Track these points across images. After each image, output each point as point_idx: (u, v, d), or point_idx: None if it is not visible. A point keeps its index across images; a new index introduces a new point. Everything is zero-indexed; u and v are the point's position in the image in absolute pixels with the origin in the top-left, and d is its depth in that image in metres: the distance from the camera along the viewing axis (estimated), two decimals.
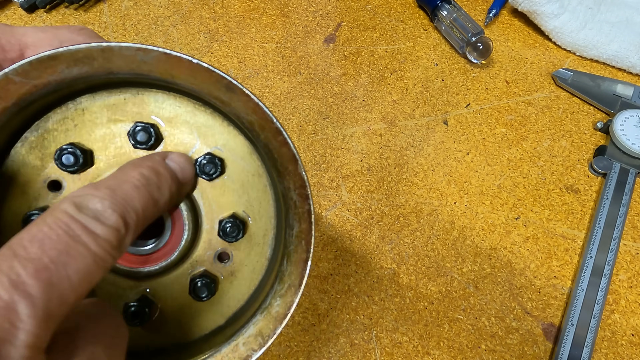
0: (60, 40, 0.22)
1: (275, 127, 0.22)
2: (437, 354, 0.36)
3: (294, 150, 0.22)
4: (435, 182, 0.44)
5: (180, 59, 0.20)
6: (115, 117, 0.23)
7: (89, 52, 0.20)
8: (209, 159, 0.23)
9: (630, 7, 0.54)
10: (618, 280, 0.39)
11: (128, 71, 0.21)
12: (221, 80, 0.21)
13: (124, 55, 0.20)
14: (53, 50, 0.19)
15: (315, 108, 0.48)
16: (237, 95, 0.21)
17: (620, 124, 0.46)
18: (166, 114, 0.23)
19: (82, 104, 0.22)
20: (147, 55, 0.20)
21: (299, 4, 0.57)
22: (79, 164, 0.22)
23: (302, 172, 0.22)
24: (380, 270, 0.39)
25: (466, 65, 0.52)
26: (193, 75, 0.21)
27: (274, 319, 0.24)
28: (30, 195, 0.23)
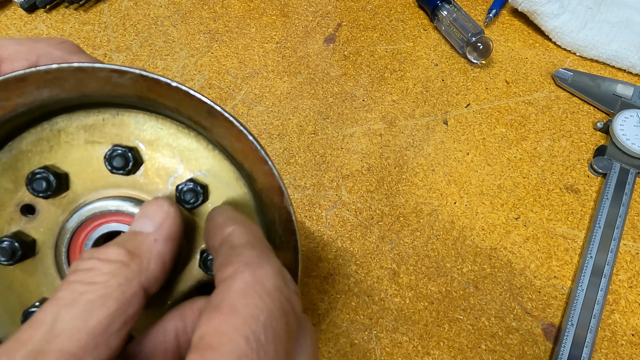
0: (37, 54, 0.21)
1: (260, 155, 0.20)
2: (437, 354, 0.36)
3: (279, 181, 0.21)
4: (435, 182, 0.44)
5: (157, 82, 0.19)
6: (92, 139, 0.21)
7: (60, 73, 0.18)
8: (189, 187, 0.21)
9: (630, 7, 0.54)
10: (618, 280, 0.39)
11: (103, 93, 0.20)
12: (202, 105, 0.19)
13: (97, 77, 0.19)
14: (20, 72, 0.18)
15: (315, 108, 0.48)
16: (219, 121, 0.20)
17: (620, 124, 0.46)
18: (147, 136, 0.22)
19: (58, 125, 0.21)
20: (123, 77, 0.19)
21: (299, 4, 0.57)
22: (52, 189, 0.21)
23: (288, 205, 0.21)
24: (380, 270, 0.39)
25: (466, 65, 0.52)
26: (172, 99, 0.19)
27: None
28: (2, 219, 0.22)
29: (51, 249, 0.22)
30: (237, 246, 0.18)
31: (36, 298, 0.22)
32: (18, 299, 0.23)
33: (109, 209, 0.21)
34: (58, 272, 0.22)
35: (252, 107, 0.48)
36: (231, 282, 0.16)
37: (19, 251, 0.21)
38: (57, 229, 0.22)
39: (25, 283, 0.22)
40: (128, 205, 0.21)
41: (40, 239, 0.22)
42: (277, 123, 0.47)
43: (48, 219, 0.22)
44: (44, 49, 0.21)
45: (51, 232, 0.22)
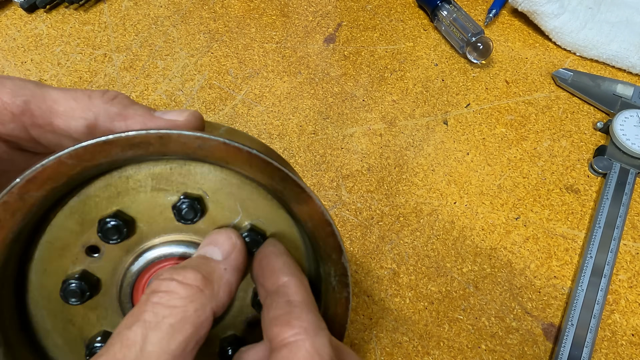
0: (94, 113, 0.21)
1: (326, 219, 0.22)
2: (437, 354, 0.36)
3: (340, 241, 0.22)
4: (435, 182, 0.44)
5: (239, 150, 0.20)
6: (159, 186, 0.22)
7: (146, 138, 0.19)
8: (251, 236, 0.23)
9: (630, 7, 0.54)
10: (618, 280, 0.39)
11: (183, 155, 0.20)
12: (277, 172, 0.20)
13: (181, 142, 0.20)
14: (110, 136, 0.19)
15: (315, 108, 0.48)
16: (291, 186, 0.21)
17: (620, 124, 0.46)
18: (212, 185, 0.22)
19: (126, 172, 0.22)
20: (205, 143, 0.20)
21: (299, 4, 0.57)
22: (122, 236, 0.22)
23: (345, 262, 0.22)
24: (380, 270, 0.39)
25: (466, 65, 0.52)
26: (249, 165, 0.20)
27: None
28: (67, 259, 0.22)
29: (115, 287, 0.23)
30: (295, 304, 0.20)
31: (96, 330, 0.24)
32: (78, 331, 0.24)
33: (173, 254, 0.23)
34: (120, 309, 0.23)
35: (252, 107, 0.48)
36: (295, 349, 0.18)
37: (87, 292, 0.22)
38: (121, 269, 0.23)
39: (87, 317, 0.23)
40: (192, 250, 0.23)
41: (104, 277, 0.23)
42: (277, 123, 0.47)
43: (112, 259, 0.23)
44: (100, 107, 0.21)
45: (115, 272, 0.23)
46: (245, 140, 0.24)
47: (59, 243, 0.22)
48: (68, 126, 0.21)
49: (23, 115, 0.21)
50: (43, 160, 0.19)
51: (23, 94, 0.21)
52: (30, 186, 0.19)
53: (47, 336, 0.23)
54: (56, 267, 0.22)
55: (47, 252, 0.22)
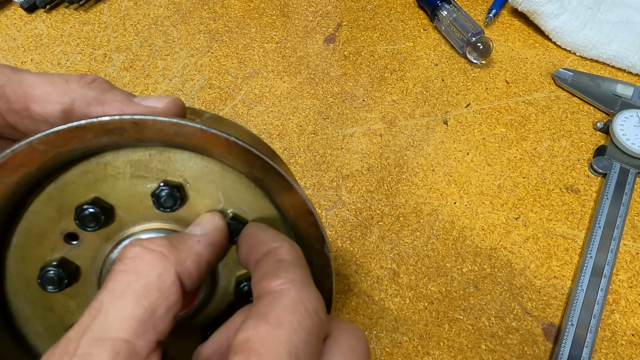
0: (70, 97, 0.21)
1: (308, 208, 0.21)
2: (437, 354, 0.36)
3: (322, 232, 0.22)
4: (435, 182, 0.44)
5: (216, 137, 0.19)
6: (139, 174, 0.22)
7: (120, 124, 0.19)
8: (233, 225, 0.22)
9: (630, 7, 0.54)
10: (618, 280, 0.39)
11: (159, 141, 0.20)
12: (257, 160, 0.20)
13: (157, 129, 0.19)
14: (82, 122, 0.18)
15: (315, 108, 0.48)
16: (272, 175, 0.21)
17: (620, 124, 0.46)
18: (192, 172, 0.22)
19: (104, 158, 0.21)
20: (182, 130, 0.19)
21: (299, 4, 0.57)
22: (100, 224, 0.21)
23: (328, 252, 0.22)
24: (380, 270, 0.39)
25: (466, 65, 0.52)
26: (228, 152, 0.20)
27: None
28: (46, 246, 0.22)
29: (94, 275, 0.23)
30: (284, 261, 0.19)
31: (77, 318, 0.24)
32: (59, 319, 0.23)
33: None
34: None
35: (252, 107, 0.48)
36: (279, 295, 0.17)
37: (65, 279, 0.21)
38: (101, 257, 0.22)
39: (67, 305, 0.23)
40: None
41: (84, 265, 0.23)
42: (277, 123, 0.47)
43: (91, 247, 0.22)
44: (77, 91, 0.21)
45: (94, 260, 0.23)
46: (229, 128, 0.23)
47: (36, 230, 0.22)
48: (44, 111, 0.21)
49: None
50: (14, 146, 0.18)
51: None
52: (2, 172, 0.19)
53: (27, 324, 0.23)
54: (34, 254, 0.22)
55: (25, 238, 0.22)
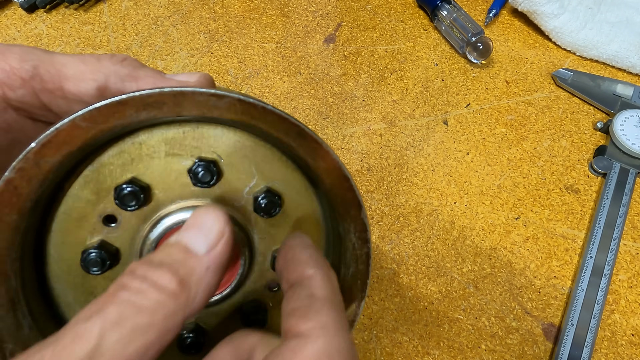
0: (104, 74, 0.21)
1: (344, 174, 0.21)
2: (437, 354, 0.36)
3: (358, 196, 0.22)
4: (435, 182, 0.44)
5: (254, 106, 0.19)
6: (173, 151, 0.22)
7: (161, 97, 0.19)
8: (268, 198, 0.22)
9: (630, 7, 0.54)
10: (618, 280, 0.39)
11: (197, 114, 0.20)
12: (293, 128, 0.20)
13: (196, 101, 0.19)
14: (123, 96, 0.18)
15: (315, 108, 0.48)
16: (308, 142, 0.20)
17: (620, 124, 0.46)
18: (225, 148, 0.22)
19: (139, 137, 0.21)
20: (220, 100, 0.19)
21: (299, 4, 0.57)
22: (139, 203, 0.21)
23: (365, 217, 0.22)
24: (380, 270, 0.39)
25: (466, 65, 0.52)
26: (264, 121, 0.20)
27: None
28: (85, 230, 0.22)
29: (134, 257, 0.23)
30: (317, 299, 0.18)
31: None
32: None
33: None
34: None
35: None
36: (305, 343, 0.16)
37: (107, 261, 0.22)
38: (140, 238, 0.22)
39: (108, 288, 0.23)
40: None
41: (123, 247, 0.23)
42: None
43: (130, 228, 0.22)
44: (110, 68, 0.21)
45: (133, 241, 0.23)
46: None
47: (75, 214, 0.22)
48: (78, 89, 0.21)
49: (32, 80, 0.20)
50: (56, 124, 0.18)
51: (31, 59, 0.20)
52: (46, 151, 0.19)
53: (70, 309, 0.23)
54: (74, 238, 0.22)
55: (65, 223, 0.22)
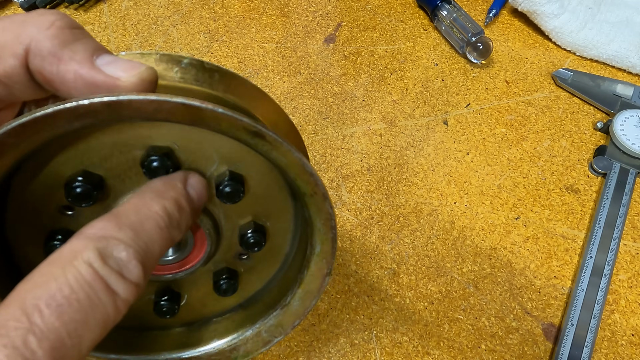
0: (24, 45, 0.17)
1: (307, 170, 0.21)
2: (437, 354, 0.36)
3: (322, 189, 0.21)
4: (435, 182, 0.44)
5: (200, 110, 0.18)
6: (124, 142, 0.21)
7: (92, 107, 0.17)
8: (232, 186, 0.21)
9: (630, 7, 0.54)
10: (618, 280, 0.39)
11: (140, 119, 0.19)
12: (249, 128, 0.19)
13: (134, 108, 0.17)
14: (48, 110, 0.16)
15: (315, 108, 0.48)
16: (266, 141, 0.20)
17: (620, 124, 0.46)
18: (181, 134, 0.21)
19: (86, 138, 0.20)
20: (162, 106, 0.18)
21: (299, 4, 0.57)
22: (93, 199, 0.20)
23: (330, 208, 0.22)
24: (380, 270, 0.39)
25: (466, 65, 0.52)
26: (217, 122, 0.19)
27: (293, 315, 0.26)
28: (44, 219, 0.22)
29: None
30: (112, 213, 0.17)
31: None
32: None
33: None
34: None
35: None
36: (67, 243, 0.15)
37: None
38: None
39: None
40: None
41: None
42: None
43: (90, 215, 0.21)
44: (31, 37, 0.17)
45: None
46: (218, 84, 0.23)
47: (30, 207, 0.21)
48: (4, 69, 0.17)
49: None
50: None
51: None
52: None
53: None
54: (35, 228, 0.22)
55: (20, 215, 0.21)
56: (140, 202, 0.18)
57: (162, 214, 0.18)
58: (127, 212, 0.17)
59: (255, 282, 0.28)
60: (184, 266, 0.24)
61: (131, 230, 0.16)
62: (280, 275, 0.28)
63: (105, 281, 0.15)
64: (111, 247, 0.16)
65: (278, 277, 0.28)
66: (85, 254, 0.15)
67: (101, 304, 0.15)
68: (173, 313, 0.26)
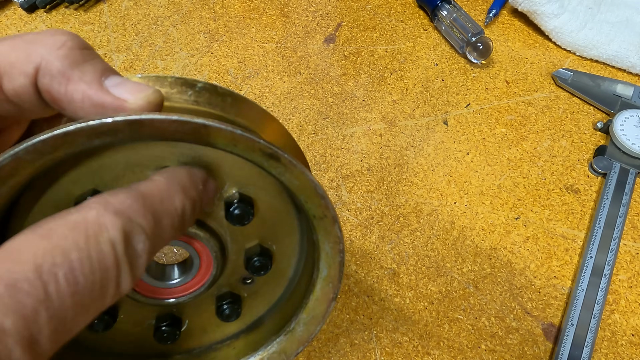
0: (34, 65, 0.17)
1: (318, 192, 0.21)
2: (437, 354, 0.36)
3: (333, 213, 0.21)
4: (435, 182, 0.44)
5: (220, 130, 0.18)
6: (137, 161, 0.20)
7: (115, 126, 0.17)
8: (241, 208, 0.21)
9: (630, 7, 0.54)
10: (618, 280, 0.39)
11: (159, 138, 0.19)
12: (265, 150, 0.19)
13: (155, 127, 0.17)
14: (70, 127, 0.17)
15: (315, 108, 0.48)
16: (280, 164, 0.20)
17: (620, 124, 0.46)
18: (193, 155, 0.21)
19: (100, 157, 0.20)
20: (183, 127, 0.18)
21: (299, 4, 0.57)
22: None
23: (339, 231, 0.22)
24: (380, 270, 0.39)
25: (466, 65, 0.52)
26: (234, 144, 0.19)
27: (297, 341, 0.26)
28: None
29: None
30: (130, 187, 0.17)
31: None
32: None
33: None
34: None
35: None
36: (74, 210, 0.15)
37: None
38: None
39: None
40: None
41: None
42: None
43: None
44: (42, 56, 0.17)
45: None
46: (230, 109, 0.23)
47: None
48: (14, 87, 0.17)
49: None
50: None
51: None
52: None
53: None
54: None
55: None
56: (166, 190, 0.17)
57: (179, 212, 0.17)
58: (153, 197, 0.16)
59: (259, 307, 0.27)
60: (188, 290, 0.24)
61: (153, 220, 0.16)
62: (283, 300, 0.27)
63: (120, 269, 0.14)
64: (134, 233, 0.15)
65: (281, 302, 0.27)
66: (112, 232, 0.14)
67: (106, 292, 0.14)
68: (174, 339, 0.25)
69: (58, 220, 0.14)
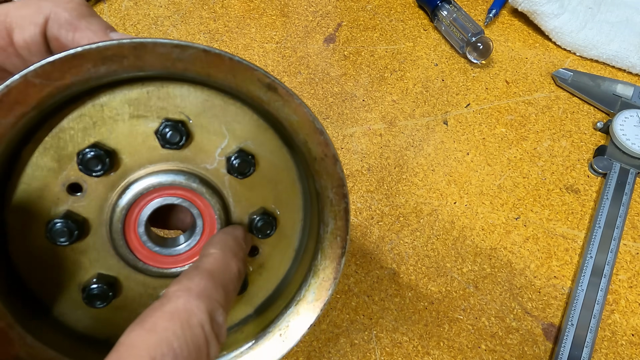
0: (44, 16, 0.19)
1: (316, 127, 0.21)
2: (437, 354, 0.36)
3: (333, 150, 0.21)
4: (435, 182, 0.44)
5: (220, 57, 0.19)
6: (138, 113, 0.21)
7: (120, 49, 0.18)
8: (242, 158, 0.22)
9: (630, 7, 0.54)
10: (618, 280, 0.39)
11: (160, 69, 0.19)
12: (263, 79, 0.19)
13: (158, 53, 0.18)
14: (79, 49, 0.17)
15: (315, 108, 0.48)
16: (278, 95, 0.20)
17: (620, 124, 0.46)
18: (193, 108, 0.21)
19: (100, 99, 0.20)
20: (184, 52, 0.18)
21: (299, 4, 0.57)
22: (105, 168, 0.20)
23: (341, 172, 0.22)
24: (380, 270, 0.39)
25: (466, 65, 0.52)
26: (233, 74, 0.19)
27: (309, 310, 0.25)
28: (48, 200, 0.21)
29: (104, 227, 0.22)
30: (197, 268, 0.19)
31: (90, 274, 0.23)
32: (71, 276, 0.23)
33: (162, 183, 0.21)
34: (113, 249, 0.22)
35: None
36: (166, 301, 0.17)
37: (75, 230, 0.21)
38: (108, 207, 0.22)
39: (78, 261, 0.22)
40: (181, 178, 0.22)
41: (91, 217, 0.22)
42: None
43: (97, 197, 0.21)
44: (51, 9, 0.19)
45: (102, 210, 0.22)
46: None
47: (36, 183, 0.21)
48: (24, 38, 0.19)
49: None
50: (7, 81, 0.17)
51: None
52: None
53: (38, 284, 0.22)
54: (37, 210, 0.21)
55: (25, 194, 0.21)
56: (224, 261, 0.20)
57: (237, 274, 0.20)
58: (219, 271, 0.19)
59: (267, 284, 0.27)
60: (193, 257, 0.24)
61: (223, 291, 0.19)
62: (290, 276, 0.27)
63: (209, 344, 0.17)
64: (215, 310, 0.18)
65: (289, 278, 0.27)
66: (200, 316, 0.17)
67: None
68: None
69: (157, 312, 0.17)
